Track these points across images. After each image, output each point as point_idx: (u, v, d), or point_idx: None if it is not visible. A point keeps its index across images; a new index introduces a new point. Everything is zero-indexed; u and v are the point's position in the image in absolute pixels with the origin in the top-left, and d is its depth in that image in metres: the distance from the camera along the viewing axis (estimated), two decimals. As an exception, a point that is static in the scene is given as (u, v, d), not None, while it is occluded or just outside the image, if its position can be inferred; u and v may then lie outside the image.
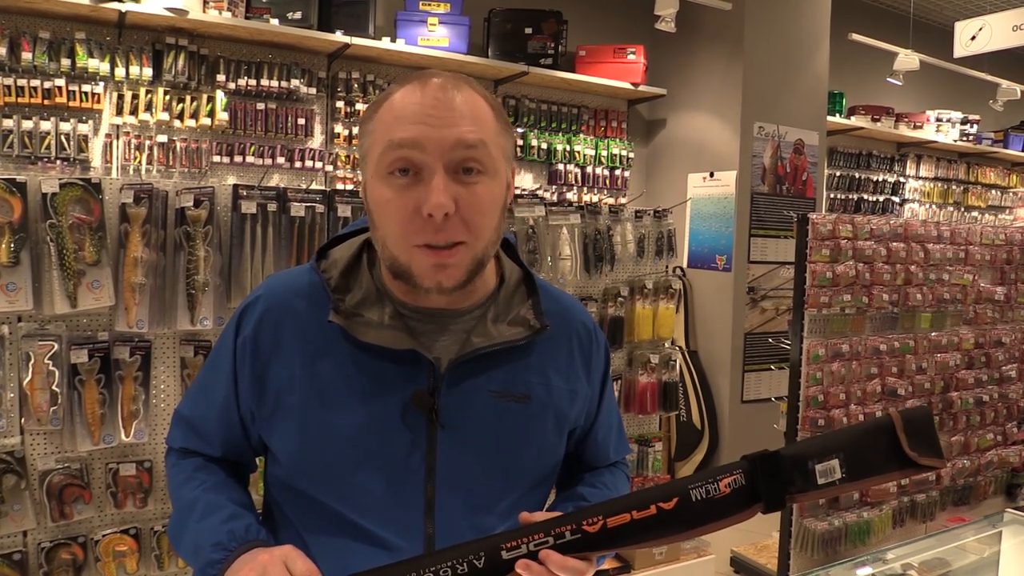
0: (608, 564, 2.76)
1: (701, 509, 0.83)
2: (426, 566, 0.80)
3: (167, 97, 3.43)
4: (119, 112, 3.36)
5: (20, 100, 3.13)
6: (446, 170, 0.90)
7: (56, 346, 2.04)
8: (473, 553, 0.80)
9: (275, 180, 3.74)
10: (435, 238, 0.90)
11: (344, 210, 2.43)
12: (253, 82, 3.62)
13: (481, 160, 0.92)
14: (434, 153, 0.89)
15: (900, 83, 5.65)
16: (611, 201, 4.73)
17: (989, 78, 6.10)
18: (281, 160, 3.72)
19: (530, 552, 0.80)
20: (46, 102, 3.18)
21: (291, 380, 0.98)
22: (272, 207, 2.33)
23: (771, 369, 4.46)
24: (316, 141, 3.88)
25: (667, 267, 3.21)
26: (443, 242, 0.90)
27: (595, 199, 4.69)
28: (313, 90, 3.78)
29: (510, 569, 0.81)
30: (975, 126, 6.66)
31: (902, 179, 6.42)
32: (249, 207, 2.30)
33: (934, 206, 6.71)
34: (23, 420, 2.02)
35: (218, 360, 1.05)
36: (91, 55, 3.26)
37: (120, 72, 3.33)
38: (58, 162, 3.20)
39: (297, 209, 2.36)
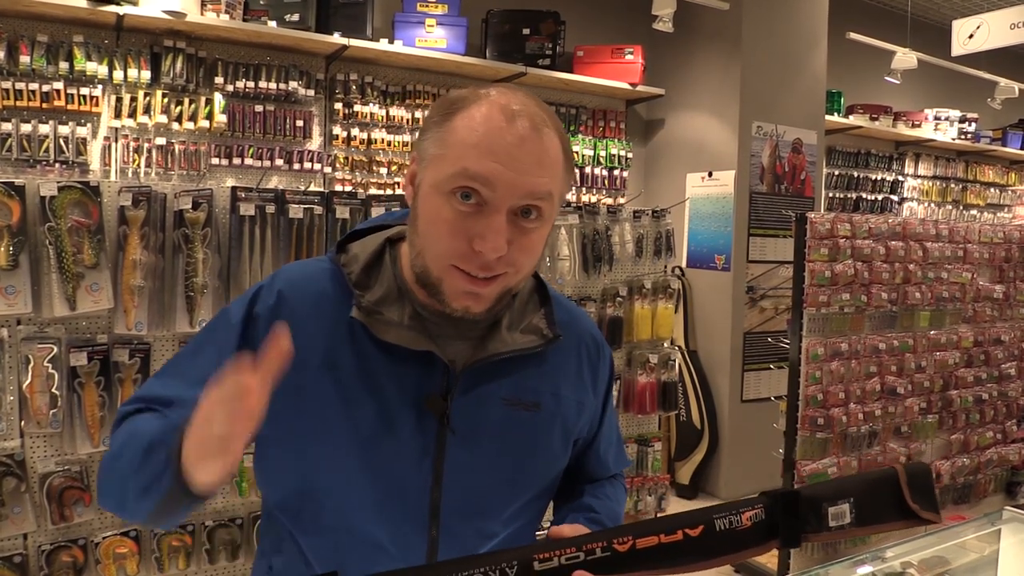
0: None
1: (723, 539, 0.86)
2: (457, 570, 0.80)
3: (165, 99, 3.43)
4: (117, 115, 3.36)
5: (18, 103, 3.14)
6: (509, 213, 0.89)
7: (55, 349, 2.04)
8: (506, 561, 0.80)
9: (274, 182, 3.74)
10: (479, 272, 0.90)
11: (342, 212, 2.43)
12: (251, 84, 3.62)
13: (543, 209, 0.91)
14: (504, 196, 0.88)
15: (898, 82, 5.66)
16: (609, 201, 4.73)
17: (987, 76, 6.10)
18: (279, 162, 3.73)
19: (561, 566, 0.81)
20: (44, 105, 3.18)
21: (305, 370, 0.94)
22: (270, 209, 2.33)
23: (770, 368, 4.46)
24: (314, 143, 3.89)
25: (666, 267, 3.21)
26: (484, 275, 0.90)
27: (593, 199, 4.69)
28: (311, 92, 3.79)
29: None
30: (973, 124, 6.67)
31: (900, 178, 6.42)
32: (247, 209, 2.30)
33: (933, 204, 6.71)
34: (23, 423, 2.02)
35: (215, 335, 0.99)
36: (89, 58, 3.26)
37: (118, 75, 3.34)
38: (57, 165, 3.21)
39: (295, 211, 2.36)
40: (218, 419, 0.75)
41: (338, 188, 3.90)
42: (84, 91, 3.26)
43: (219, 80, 3.56)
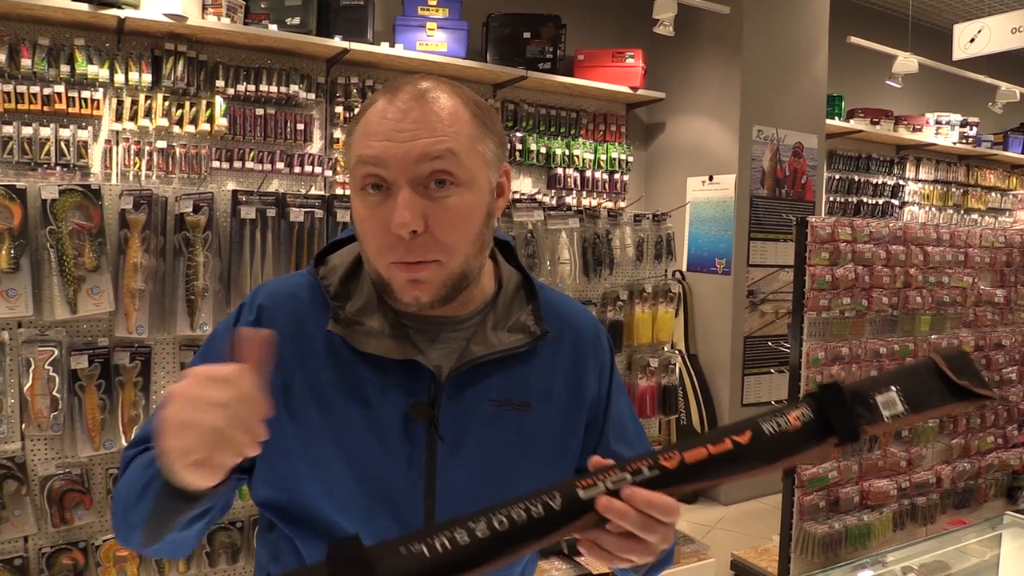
0: (605, 569, 2.76)
1: (775, 442, 0.81)
2: (499, 509, 0.76)
3: (166, 103, 3.44)
4: (118, 118, 3.36)
5: (20, 106, 3.14)
6: (413, 185, 0.87)
7: (56, 352, 2.04)
8: (547, 494, 0.76)
9: (274, 185, 3.75)
10: (406, 256, 0.88)
11: (343, 215, 2.43)
12: (252, 87, 3.63)
13: (451, 171, 0.88)
14: (397, 169, 0.87)
15: (899, 86, 5.66)
16: (610, 205, 4.73)
17: (988, 80, 6.11)
18: (280, 165, 3.73)
19: (608, 490, 0.77)
20: (45, 108, 3.19)
21: (288, 386, 0.95)
22: (271, 212, 2.34)
23: (771, 372, 4.46)
24: (315, 146, 3.89)
25: (666, 271, 3.21)
26: (413, 260, 0.88)
27: (594, 203, 4.69)
28: (312, 95, 3.79)
29: (589, 509, 0.76)
30: (974, 128, 6.67)
31: (901, 182, 6.42)
32: (248, 212, 2.30)
33: (934, 209, 6.71)
34: (24, 426, 2.02)
35: (204, 359, 1.00)
36: (90, 61, 3.27)
37: (119, 78, 3.34)
38: (58, 168, 3.21)
39: (296, 214, 2.37)
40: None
41: (339, 192, 3.90)
42: (85, 94, 3.26)
43: (220, 83, 3.57)
